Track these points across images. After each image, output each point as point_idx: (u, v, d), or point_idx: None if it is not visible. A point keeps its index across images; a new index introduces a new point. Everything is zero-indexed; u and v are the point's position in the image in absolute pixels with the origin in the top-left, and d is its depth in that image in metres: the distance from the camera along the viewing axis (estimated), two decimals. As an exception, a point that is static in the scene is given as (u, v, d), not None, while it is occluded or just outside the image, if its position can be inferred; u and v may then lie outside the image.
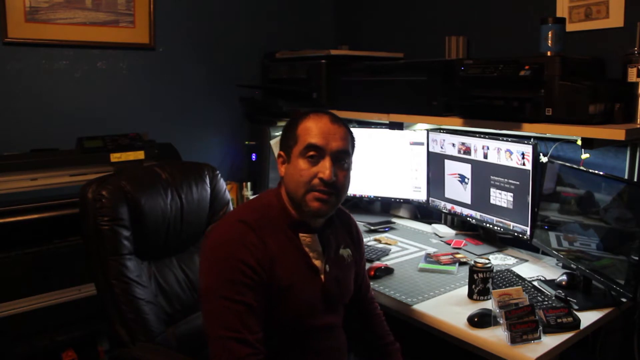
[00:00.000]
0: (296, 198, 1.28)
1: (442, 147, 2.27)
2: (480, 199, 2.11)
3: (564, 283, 1.69)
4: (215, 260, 1.23)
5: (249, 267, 1.20)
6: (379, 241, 2.19)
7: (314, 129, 1.27)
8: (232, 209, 1.85)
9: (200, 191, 1.75)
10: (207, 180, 1.78)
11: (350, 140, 1.33)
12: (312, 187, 1.26)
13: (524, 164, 1.90)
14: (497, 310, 1.44)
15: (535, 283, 1.73)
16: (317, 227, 1.35)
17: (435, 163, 2.32)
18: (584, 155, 1.87)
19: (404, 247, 2.14)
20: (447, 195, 2.28)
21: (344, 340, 1.43)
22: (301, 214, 1.31)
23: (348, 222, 1.52)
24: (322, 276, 1.33)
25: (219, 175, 1.83)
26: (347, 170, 1.32)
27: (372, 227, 2.36)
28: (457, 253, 2.02)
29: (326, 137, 1.27)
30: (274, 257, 1.25)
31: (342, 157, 1.30)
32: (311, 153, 1.26)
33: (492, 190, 2.05)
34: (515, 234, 1.97)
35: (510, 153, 1.95)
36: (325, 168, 1.26)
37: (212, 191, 1.78)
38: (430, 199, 2.38)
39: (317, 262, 1.33)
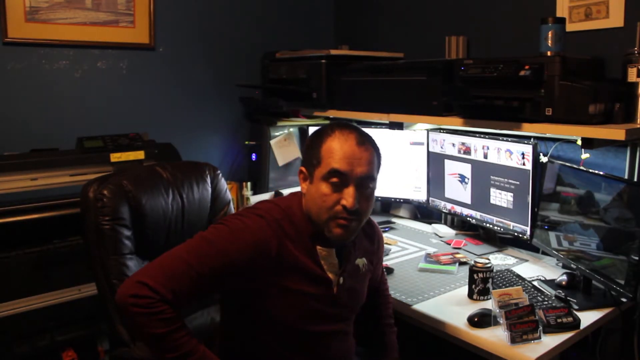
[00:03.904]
0: (318, 222, 1.25)
1: (442, 147, 2.27)
2: (480, 199, 2.11)
3: (564, 283, 1.69)
4: (220, 231, 1.21)
5: (239, 254, 1.18)
6: (379, 241, 2.19)
7: (338, 152, 1.22)
8: (232, 209, 1.85)
9: (201, 191, 1.74)
10: (209, 180, 1.78)
11: (376, 162, 1.28)
12: (335, 214, 1.22)
13: (524, 164, 1.90)
14: (497, 310, 1.44)
15: (535, 283, 1.73)
16: (337, 244, 1.31)
17: (435, 163, 2.32)
18: (584, 155, 1.87)
19: (404, 247, 2.14)
20: (447, 195, 2.28)
21: (352, 345, 1.42)
22: (321, 231, 1.27)
23: (371, 232, 1.47)
24: (335, 288, 1.30)
25: (220, 175, 1.83)
26: (371, 194, 1.27)
27: (372, 227, 2.36)
28: (457, 253, 2.02)
29: (351, 163, 1.21)
30: (285, 261, 1.22)
31: (367, 183, 1.24)
32: (334, 180, 1.21)
33: (492, 190, 2.05)
34: (515, 234, 1.97)
35: (510, 153, 1.95)
36: (348, 196, 1.21)
37: (213, 191, 1.78)
38: (430, 198, 2.38)
39: (331, 275, 1.30)
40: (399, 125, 2.36)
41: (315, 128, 1.37)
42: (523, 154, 1.90)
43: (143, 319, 1.11)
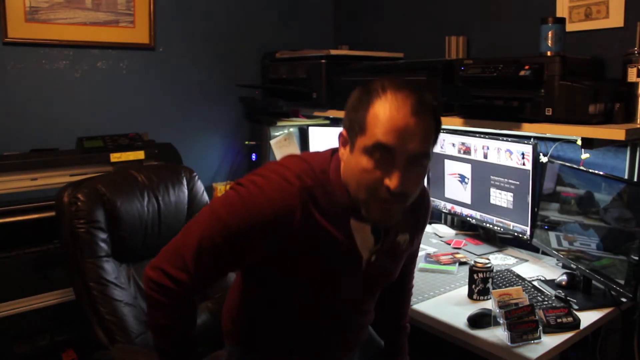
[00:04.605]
0: (356, 199, 1.06)
1: (442, 147, 2.27)
2: (480, 199, 2.11)
3: (564, 283, 1.69)
4: (233, 203, 1.06)
5: (260, 234, 1.05)
6: (379, 241, 2.19)
7: (387, 121, 0.99)
8: None
9: (177, 193, 1.77)
10: (185, 182, 1.80)
11: (433, 136, 1.05)
12: (376, 194, 1.02)
13: (524, 164, 1.90)
14: (497, 310, 1.44)
15: (535, 283, 1.73)
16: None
17: (435, 163, 2.31)
18: (584, 155, 1.87)
19: (404, 247, 2.13)
20: (447, 195, 2.28)
21: (371, 318, 1.36)
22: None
23: (419, 203, 1.24)
24: (364, 265, 1.17)
25: (197, 177, 1.85)
26: (422, 172, 1.06)
27: (372, 227, 2.35)
28: (457, 253, 2.02)
29: (402, 137, 0.99)
30: (312, 234, 1.07)
31: (419, 161, 1.03)
32: (378, 155, 1.00)
33: (492, 190, 2.05)
34: (515, 234, 1.97)
35: (510, 153, 1.95)
36: (394, 177, 1.00)
37: (189, 193, 1.81)
38: (430, 198, 2.37)
39: (363, 251, 1.15)
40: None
41: (317, 128, 1.32)
42: (523, 154, 1.89)
43: (158, 304, 1.11)
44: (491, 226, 2.08)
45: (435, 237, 2.27)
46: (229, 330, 1.33)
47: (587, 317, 1.50)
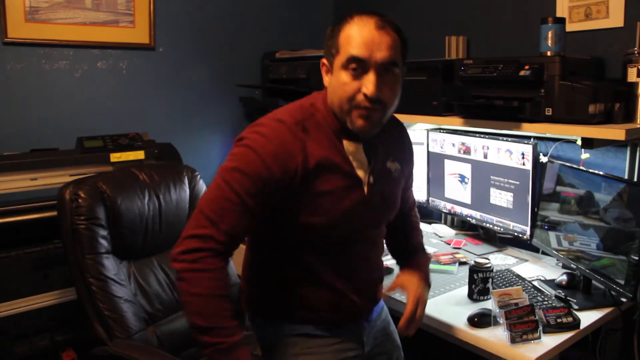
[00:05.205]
0: (340, 113, 1.20)
1: (442, 147, 2.27)
2: (480, 199, 2.11)
3: (564, 283, 1.69)
4: (245, 155, 1.16)
5: (269, 172, 1.14)
6: (379, 241, 2.19)
7: (356, 37, 1.15)
8: None
9: (179, 192, 1.77)
10: (186, 181, 1.81)
11: (400, 47, 1.21)
12: (356, 103, 1.17)
13: (524, 164, 1.90)
14: (497, 310, 1.44)
15: (535, 283, 1.73)
16: (363, 136, 1.25)
17: (435, 163, 2.32)
18: (584, 155, 1.87)
19: (404, 247, 2.13)
20: (447, 195, 2.28)
21: (380, 253, 1.39)
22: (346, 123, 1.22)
23: (402, 134, 1.43)
24: (365, 188, 1.25)
25: (199, 176, 1.85)
26: (395, 82, 1.20)
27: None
28: (457, 253, 2.02)
29: (370, 48, 1.15)
30: (312, 165, 1.17)
31: (389, 69, 1.18)
32: (353, 66, 1.15)
33: (492, 190, 2.05)
34: (515, 233, 1.97)
35: (510, 153, 1.95)
36: (369, 82, 1.15)
37: (191, 192, 1.81)
38: (430, 198, 2.38)
39: (360, 173, 1.25)
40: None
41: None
42: (523, 154, 1.90)
43: (191, 281, 1.10)
44: (491, 226, 2.08)
45: (435, 237, 2.27)
46: (255, 299, 1.34)
47: (587, 317, 1.50)
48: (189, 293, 1.12)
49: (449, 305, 1.61)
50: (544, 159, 1.93)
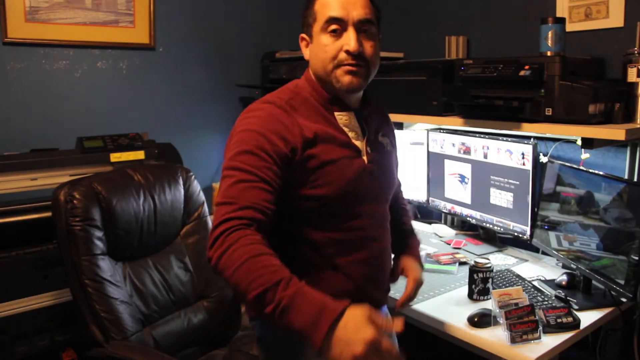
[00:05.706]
0: (326, 76, 1.23)
1: (442, 147, 2.27)
2: (480, 199, 2.11)
3: (564, 283, 1.69)
4: (236, 134, 1.20)
5: (272, 144, 1.14)
6: (379, 241, 2.19)
7: (331, 1, 1.21)
8: (207, 210, 1.87)
9: (173, 192, 1.77)
10: (181, 182, 1.81)
11: (372, 7, 1.26)
12: (339, 62, 1.20)
13: (524, 164, 1.90)
14: (497, 310, 1.44)
15: (535, 283, 1.73)
16: (353, 105, 1.29)
17: (435, 163, 2.32)
18: (584, 155, 1.87)
19: (404, 247, 2.13)
20: (447, 195, 2.28)
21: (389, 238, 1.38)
22: (334, 91, 1.25)
23: (385, 113, 1.47)
24: (365, 157, 1.27)
25: (193, 176, 1.85)
26: (374, 39, 1.25)
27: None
28: (457, 253, 2.02)
29: (346, 7, 1.20)
30: (310, 136, 1.19)
31: (367, 27, 1.23)
32: (333, 27, 1.20)
33: (492, 190, 2.05)
34: (515, 234, 1.97)
35: (510, 153, 1.95)
36: (349, 39, 1.19)
37: (186, 192, 1.81)
38: (430, 198, 2.38)
39: (358, 143, 1.27)
40: (398, 125, 2.36)
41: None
42: (523, 154, 1.90)
43: (229, 248, 1.02)
44: (491, 226, 2.08)
45: (435, 237, 2.27)
46: None
47: (587, 317, 1.50)
48: (230, 277, 1.01)
49: (449, 305, 1.61)
50: (544, 159, 1.93)
